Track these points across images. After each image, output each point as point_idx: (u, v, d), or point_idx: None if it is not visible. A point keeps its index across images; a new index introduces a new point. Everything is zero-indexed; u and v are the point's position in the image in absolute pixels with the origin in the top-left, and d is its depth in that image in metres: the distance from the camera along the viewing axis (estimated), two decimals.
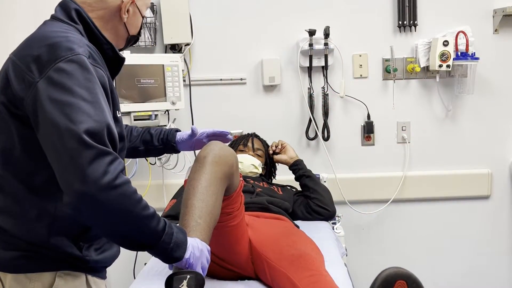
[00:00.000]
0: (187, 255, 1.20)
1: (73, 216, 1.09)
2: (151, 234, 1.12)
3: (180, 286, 1.17)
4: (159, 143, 1.63)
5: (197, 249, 1.24)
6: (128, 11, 1.26)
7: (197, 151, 2.54)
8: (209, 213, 1.36)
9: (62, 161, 1.03)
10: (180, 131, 1.68)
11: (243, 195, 1.65)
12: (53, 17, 1.22)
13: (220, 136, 1.72)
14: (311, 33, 2.49)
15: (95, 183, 1.01)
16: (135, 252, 2.43)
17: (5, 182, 1.15)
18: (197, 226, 1.32)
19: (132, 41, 1.35)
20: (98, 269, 1.25)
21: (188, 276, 1.18)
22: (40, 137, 1.06)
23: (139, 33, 1.36)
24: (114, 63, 1.28)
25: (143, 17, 1.34)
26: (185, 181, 1.52)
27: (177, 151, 1.68)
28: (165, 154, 1.78)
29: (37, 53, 1.07)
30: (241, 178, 1.65)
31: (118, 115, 1.24)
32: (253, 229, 1.73)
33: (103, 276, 1.28)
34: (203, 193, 1.38)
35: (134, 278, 2.13)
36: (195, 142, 1.69)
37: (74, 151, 1.01)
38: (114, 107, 1.21)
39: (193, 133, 1.67)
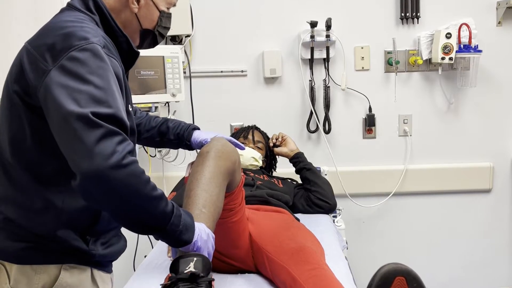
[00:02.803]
0: (195, 238, 1.18)
1: (82, 202, 1.08)
2: (161, 216, 1.11)
3: (187, 268, 1.14)
4: (174, 137, 1.61)
5: (204, 233, 1.22)
6: (138, 1, 1.24)
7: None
8: (213, 203, 1.34)
9: (70, 143, 1.01)
10: (199, 128, 1.65)
11: (243, 189, 1.64)
12: (69, 5, 1.20)
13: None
14: (313, 24, 2.47)
15: (103, 161, 0.99)
16: (136, 244, 2.42)
17: (14, 171, 1.15)
18: (201, 214, 1.29)
19: (148, 37, 1.31)
20: (104, 264, 1.25)
21: (195, 259, 1.16)
22: (50, 123, 1.05)
23: (157, 29, 1.31)
24: (128, 56, 1.26)
25: (160, 11, 1.29)
26: (186, 178, 1.51)
27: (192, 149, 1.65)
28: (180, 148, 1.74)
29: (51, 42, 1.06)
30: (242, 173, 1.63)
31: (130, 109, 1.23)
32: (253, 223, 1.72)
33: (109, 270, 1.28)
34: (207, 183, 1.36)
35: (134, 270, 2.12)
36: None
37: (81, 131, 0.99)
38: (127, 100, 1.21)
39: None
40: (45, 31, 1.12)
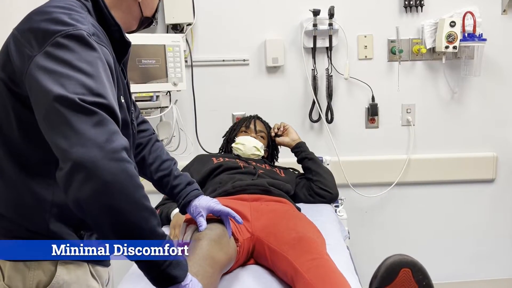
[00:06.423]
0: (187, 281, 1.05)
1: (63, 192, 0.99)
2: (149, 234, 0.99)
3: None
4: (171, 196, 1.52)
5: (197, 284, 1.11)
6: None
7: (199, 137, 2.54)
8: (207, 278, 1.25)
9: (58, 130, 0.93)
10: (201, 194, 1.52)
11: (240, 236, 1.62)
12: None
13: (231, 218, 1.59)
14: (316, 13, 2.45)
15: (97, 149, 0.90)
16: None
17: (2, 164, 1.11)
18: (194, 279, 1.14)
19: (145, 23, 1.30)
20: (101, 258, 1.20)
21: None
22: (36, 111, 0.99)
23: (153, 16, 1.30)
24: (121, 46, 1.22)
25: None
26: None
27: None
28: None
29: (37, 27, 1.02)
30: (239, 243, 1.58)
31: (122, 101, 1.17)
32: (253, 223, 1.71)
33: (106, 264, 1.23)
34: (200, 259, 1.30)
35: None
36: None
37: (71, 116, 0.92)
38: (118, 91, 1.15)
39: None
40: (33, 15, 1.07)
